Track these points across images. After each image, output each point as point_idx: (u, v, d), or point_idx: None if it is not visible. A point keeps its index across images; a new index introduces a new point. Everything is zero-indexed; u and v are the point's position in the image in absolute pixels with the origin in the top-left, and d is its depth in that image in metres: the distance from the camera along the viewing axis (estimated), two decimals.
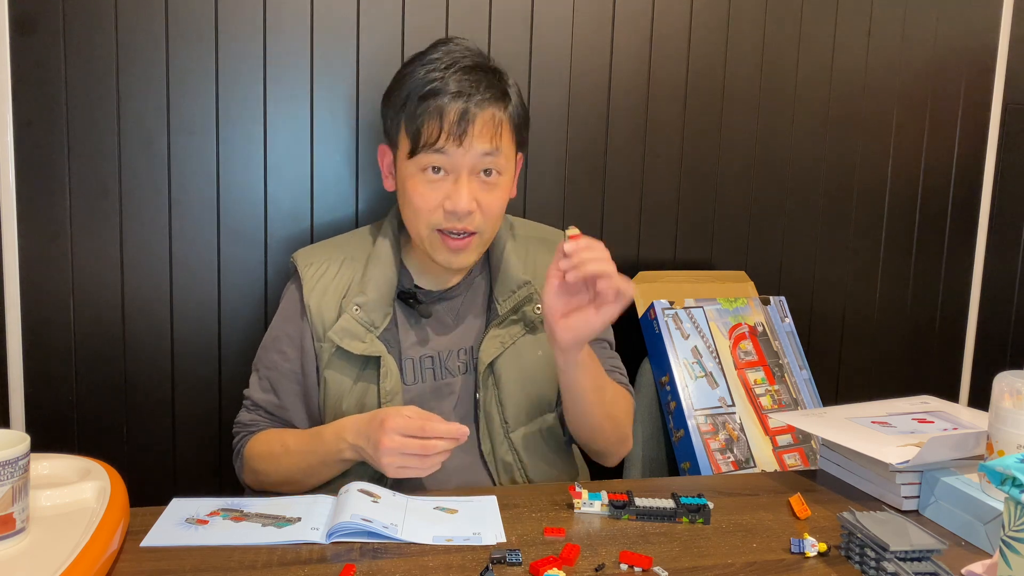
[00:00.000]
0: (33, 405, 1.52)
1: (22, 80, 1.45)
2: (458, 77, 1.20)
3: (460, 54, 1.24)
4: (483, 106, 1.20)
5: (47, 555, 0.86)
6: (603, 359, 1.40)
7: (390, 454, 1.08)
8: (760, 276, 1.87)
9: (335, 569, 0.94)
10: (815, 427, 1.29)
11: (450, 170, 1.21)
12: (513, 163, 1.28)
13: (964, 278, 2.05)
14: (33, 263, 1.50)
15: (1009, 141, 2.01)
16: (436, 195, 1.21)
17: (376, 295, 1.27)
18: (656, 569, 0.95)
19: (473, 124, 1.18)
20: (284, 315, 1.33)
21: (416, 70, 1.23)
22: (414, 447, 1.07)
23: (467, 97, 1.19)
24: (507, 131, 1.24)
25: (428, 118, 1.19)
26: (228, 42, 1.53)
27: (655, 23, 1.74)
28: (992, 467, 0.84)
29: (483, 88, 1.20)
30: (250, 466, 1.29)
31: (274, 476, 1.25)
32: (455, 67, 1.21)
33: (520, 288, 1.30)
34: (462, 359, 1.31)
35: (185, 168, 1.54)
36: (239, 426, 1.34)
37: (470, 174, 1.21)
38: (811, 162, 1.89)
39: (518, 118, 1.26)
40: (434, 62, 1.22)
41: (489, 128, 1.20)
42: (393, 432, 1.07)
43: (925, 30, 1.92)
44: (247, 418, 1.33)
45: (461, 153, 1.19)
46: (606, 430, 1.30)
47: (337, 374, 1.27)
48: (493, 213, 1.24)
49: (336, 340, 1.25)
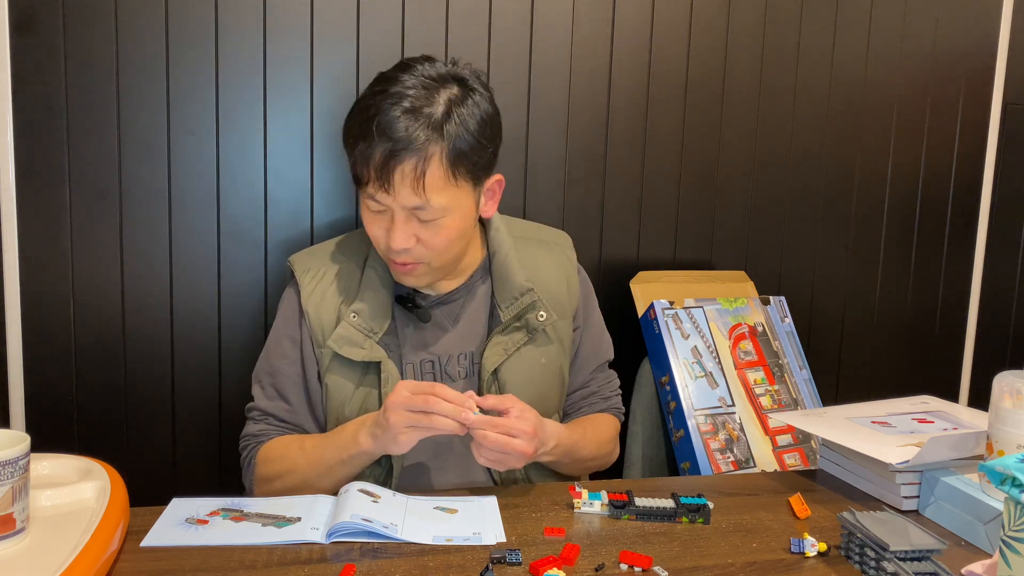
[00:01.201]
0: (33, 405, 1.52)
1: (22, 80, 1.45)
2: (393, 118, 1.14)
3: (412, 89, 1.16)
4: (407, 154, 1.14)
5: (47, 555, 0.86)
6: (598, 381, 1.43)
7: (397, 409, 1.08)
8: (760, 276, 1.87)
9: (335, 569, 0.94)
10: (815, 427, 1.28)
11: (387, 207, 1.19)
12: (461, 200, 1.20)
13: (964, 278, 2.05)
14: (33, 263, 1.50)
15: (1009, 141, 2.01)
16: (380, 228, 1.21)
17: (374, 301, 1.26)
18: (656, 569, 0.95)
19: (394, 174, 1.14)
20: (284, 320, 1.32)
21: (361, 101, 1.19)
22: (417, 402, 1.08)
23: (391, 144, 1.13)
24: (437, 173, 1.15)
25: (359, 159, 1.17)
26: (228, 42, 1.53)
27: (655, 23, 1.74)
28: (992, 467, 0.84)
29: (414, 130, 1.14)
30: (262, 473, 1.25)
31: (288, 480, 1.21)
32: (397, 106, 1.14)
33: (523, 295, 1.30)
34: (463, 364, 1.31)
35: (185, 168, 1.54)
36: (247, 439, 1.30)
37: (407, 215, 1.19)
38: (811, 162, 1.89)
39: (456, 153, 1.16)
40: (374, 97, 1.17)
41: (411, 178, 1.14)
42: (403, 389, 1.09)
43: (925, 30, 1.92)
44: (255, 429, 1.29)
45: (391, 199, 1.17)
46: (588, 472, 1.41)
47: (338, 380, 1.26)
48: (437, 247, 1.21)
49: (335, 348, 1.24)
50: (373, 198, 1.18)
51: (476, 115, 1.19)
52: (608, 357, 1.44)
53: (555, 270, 1.37)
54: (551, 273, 1.36)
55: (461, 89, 1.19)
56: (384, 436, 1.11)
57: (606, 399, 1.42)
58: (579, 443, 1.28)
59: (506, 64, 1.66)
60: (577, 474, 1.37)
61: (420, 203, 1.16)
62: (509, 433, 1.10)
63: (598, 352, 1.42)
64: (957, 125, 1.98)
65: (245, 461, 1.29)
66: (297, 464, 1.21)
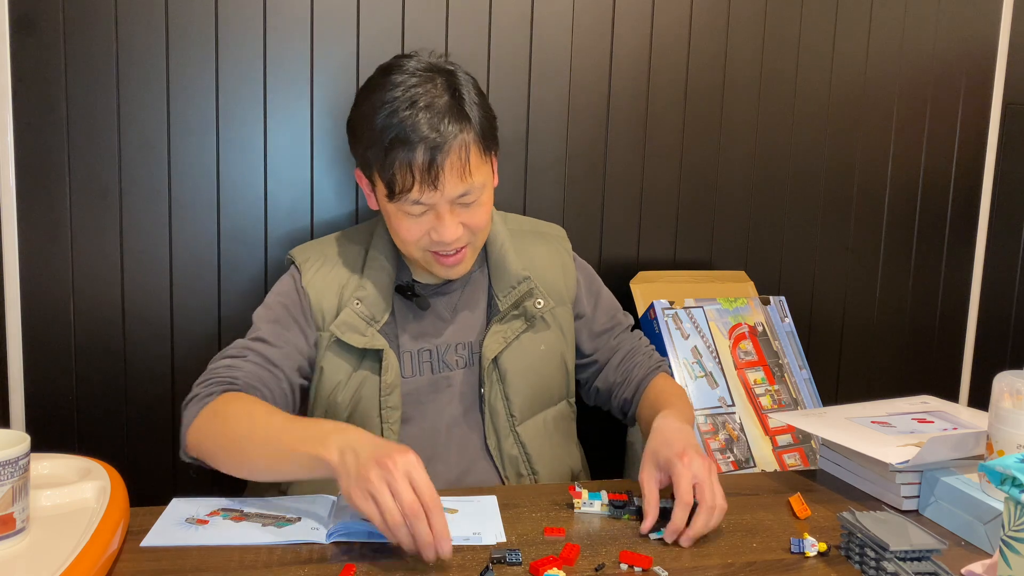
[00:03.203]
0: (33, 405, 1.52)
1: (22, 80, 1.45)
2: (420, 120, 1.15)
3: (417, 87, 1.18)
4: (449, 147, 1.16)
5: (47, 555, 0.86)
6: (630, 340, 1.44)
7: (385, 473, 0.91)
8: (760, 276, 1.87)
9: (335, 569, 0.94)
10: (815, 427, 1.29)
11: (431, 206, 1.20)
12: (490, 174, 1.25)
13: (964, 278, 2.05)
14: (33, 263, 1.50)
15: (1009, 141, 2.01)
16: (421, 227, 1.22)
17: (376, 289, 1.27)
18: (656, 569, 0.95)
19: (443, 170, 1.16)
20: (278, 295, 1.29)
21: (377, 111, 1.18)
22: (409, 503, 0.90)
23: (432, 143, 1.15)
24: (476, 154, 1.19)
25: (399, 169, 1.16)
26: (228, 42, 1.53)
27: (655, 23, 1.74)
28: (992, 467, 0.84)
29: (446, 124, 1.16)
30: (212, 422, 1.11)
31: (223, 442, 1.09)
32: (416, 108, 1.16)
33: (520, 284, 1.31)
34: (461, 353, 1.32)
35: (185, 168, 1.54)
36: (218, 369, 1.18)
37: (450, 206, 1.20)
38: (811, 162, 1.89)
39: (483, 130, 1.21)
40: (396, 101, 1.17)
41: (458, 167, 1.17)
42: (418, 466, 0.93)
43: (925, 30, 1.92)
44: (229, 361, 1.19)
45: (438, 195, 1.18)
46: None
47: (334, 363, 1.27)
48: (480, 226, 1.24)
49: (338, 334, 1.25)
50: (417, 201, 1.18)
51: (474, 89, 1.24)
52: (629, 323, 1.46)
53: (551, 259, 1.38)
54: (547, 262, 1.37)
55: (447, 74, 1.22)
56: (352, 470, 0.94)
57: (647, 355, 1.41)
58: (684, 411, 1.26)
59: (506, 64, 1.66)
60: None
61: (465, 189, 1.19)
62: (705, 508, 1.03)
63: (616, 321, 1.44)
64: (957, 125, 1.98)
65: (200, 395, 1.16)
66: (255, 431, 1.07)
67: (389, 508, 0.90)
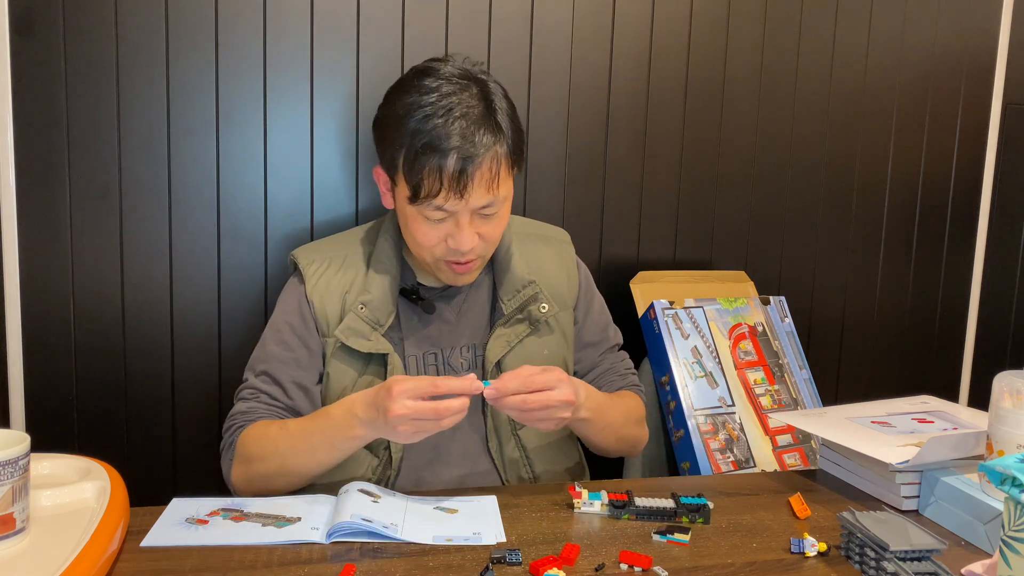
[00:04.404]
0: (33, 404, 1.52)
1: (22, 80, 1.45)
2: (455, 129, 1.15)
3: (453, 94, 1.18)
4: (482, 159, 1.16)
5: (47, 555, 0.86)
6: (610, 360, 1.43)
7: (402, 422, 1.04)
8: (760, 276, 1.87)
9: (335, 569, 0.94)
10: (815, 427, 1.29)
11: (452, 213, 1.20)
12: (512, 189, 1.26)
13: (964, 278, 2.05)
14: (33, 262, 1.50)
15: (1009, 141, 2.01)
16: (438, 233, 1.22)
17: (381, 293, 1.27)
18: (656, 569, 0.95)
19: (472, 180, 1.16)
20: (284, 310, 1.31)
21: (412, 113, 1.17)
22: (426, 411, 1.04)
23: (465, 152, 1.15)
24: (505, 167, 1.20)
25: (428, 174, 1.16)
26: (228, 42, 1.53)
27: (655, 23, 1.74)
28: (992, 467, 0.84)
29: (481, 135, 1.16)
30: (242, 453, 1.21)
31: (270, 464, 1.18)
32: (451, 116, 1.16)
33: (525, 288, 1.31)
34: (465, 356, 1.32)
35: (185, 168, 1.54)
36: (234, 418, 1.25)
37: (471, 215, 1.21)
38: (811, 162, 1.89)
39: (514, 144, 1.22)
40: (431, 106, 1.17)
41: (488, 178, 1.17)
42: (402, 396, 1.04)
43: (925, 30, 1.92)
44: (244, 407, 1.26)
45: (462, 204, 1.18)
46: (621, 448, 1.38)
47: (340, 368, 1.27)
48: (494, 238, 1.25)
49: (343, 339, 1.25)
50: (440, 207, 1.18)
51: (506, 101, 1.23)
52: (617, 341, 1.46)
53: (555, 264, 1.38)
54: (552, 266, 1.37)
55: (480, 83, 1.22)
56: (383, 426, 1.08)
57: (621, 376, 1.42)
58: (606, 403, 1.28)
59: (506, 64, 1.66)
60: (612, 446, 1.34)
61: (490, 200, 1.19)
62: (546, 388, 1.10)
63: (605, 337, 1.43)
64: (957, 125, 1.98)
65: (227, 444, 1.25)
66: (279, 446, 1.18)
67: (431, 428, 1.07)
